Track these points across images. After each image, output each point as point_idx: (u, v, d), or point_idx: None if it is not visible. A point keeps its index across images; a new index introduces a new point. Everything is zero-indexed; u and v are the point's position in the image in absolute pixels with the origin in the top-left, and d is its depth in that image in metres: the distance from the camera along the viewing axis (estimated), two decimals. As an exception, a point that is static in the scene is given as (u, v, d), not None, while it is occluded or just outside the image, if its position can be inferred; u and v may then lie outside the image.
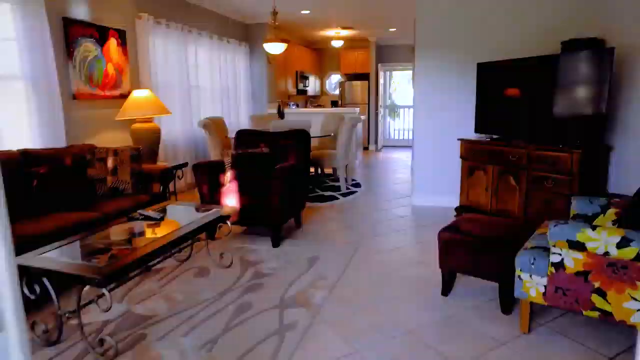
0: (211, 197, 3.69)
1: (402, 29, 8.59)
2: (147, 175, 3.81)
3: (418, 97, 4.80)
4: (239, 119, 7.22)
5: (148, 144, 4.38)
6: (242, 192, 3.63)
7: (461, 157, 4.31)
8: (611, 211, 2.46)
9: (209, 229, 2.98)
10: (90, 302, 2.17)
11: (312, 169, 6.37)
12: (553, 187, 3.48)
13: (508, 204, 3.87)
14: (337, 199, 5.25)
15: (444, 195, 4.81)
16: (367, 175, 6.95)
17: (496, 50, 4.35)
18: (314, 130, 5.92)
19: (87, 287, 1.86)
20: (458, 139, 4.35)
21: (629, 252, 1.82)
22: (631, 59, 3.35)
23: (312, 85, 10.01)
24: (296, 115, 7.51)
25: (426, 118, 4.78)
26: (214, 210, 3.08)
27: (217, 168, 3.83)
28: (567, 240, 1.96)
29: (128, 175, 3.68)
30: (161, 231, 2.60)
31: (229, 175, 3.80)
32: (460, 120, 4.63)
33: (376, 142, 10.21)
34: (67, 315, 1.97)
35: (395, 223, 4.27)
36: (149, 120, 4.46)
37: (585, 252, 1.94)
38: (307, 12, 6.96)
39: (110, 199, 3.45)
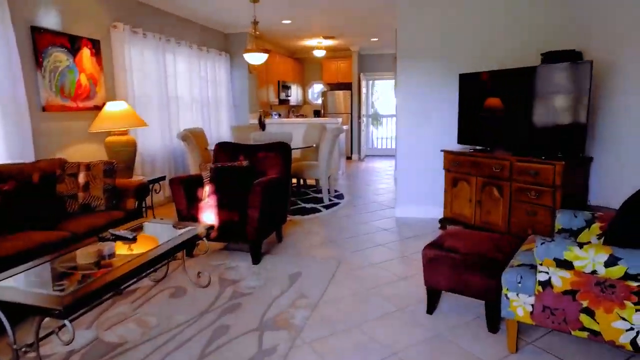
0: (189, 212, 3.56)
1: (384, 39, 8.61)
2: (121, 190, 3.65)
3: (401, 107, 4.77)
4: (219, 130, 7.09)
5: (123, 157, 4.23)
6: (221, 207, 3.50)
7: (444, 168, 4.27)
8: (596, 225, 2.43)
9: (186, 247, 2.85)
10: (51, 333, 2.01)
11: (294, 180, 6.27)
12: (536, 198, 3.46)
13: (492, 215, 3.84)
14: (320, 211, 5.16)
15: (427, 206, 4.77)
16: (350, 186, 6.88)
17: (478, 61, 4.35)
18: (296, 141, 5.84)
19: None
20: (441, 150, 4.32)
21: (617, 271, 1.77)
22: (607, 72, 3.38)
23: (295, 94, 9.94)
24: (277, 126, 7.41)
25: (409, 129, 4.74)
26: (191, 228, 2.95)
27: (194, 182, 3.70)
28: (555, 259, 1.90)
29: (101, 191, 3.51)
30: (133, 252, 2.46)
31: (207, 189, 3.67)
32: (443, 130, 4.61)
33: (359, 151, 10.18)
34: (24, 349, 1.81)
35: (378, 236, 4.20)
36: (124, 132, 4.31)
37: (573, 270, 1.88)
38: (289, 22, 6.91)
39: (81, 217, 3.28)
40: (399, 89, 4.75)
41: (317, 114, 10.32)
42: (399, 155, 4.85)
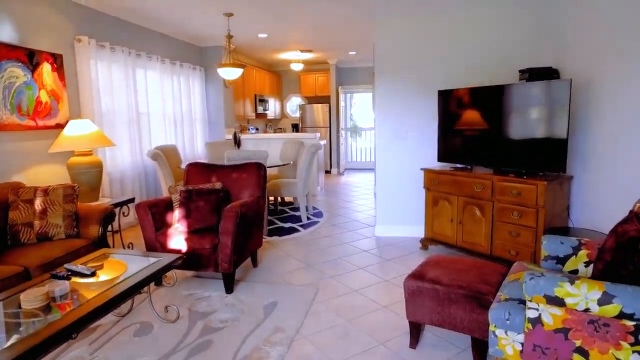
0: (157, 239, 3.33)
1: (362, 52, 8.57)
2: (84, 216, 3.39)
3: (379, 124, 4.66)
4: (194, 147, 6.85)
5: (88, 179, 3.96)
6: (191, 233, 3.29)
7: (425, 187, 4.17)
8: (583, 252, 2.34)
9: (153, 280, 2.63)
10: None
11: (271, 198, 6.08)
12: (519, 219, 3.38)
13: (474, 236, 3.74)
14: (298, 230, 4.98)
15: (408, 225, 4.65)
16: (329, 202, 6.73)
17: (456, 77, 4.31)
18: (273, 158, 5.67)
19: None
20: (421, 169, 4.21)
21: (611, 310, 1.65)
22: (583, 90, 3.34)
23: (272, 108, 9.78)
24: (254, 142, 7.22)
25: (388, 146, 4.63)
26: (158, 259, 2.74)
27: (163, 207, 3.48)
28: (545, 295, 1.78)
29: (60, 217, 3.26)
30: (91, 291, 2.23)
31: (177, 214, 3.46)
32: (423, 147, 4.52)
33: (338, 165, 10.06)
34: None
35: (358, 258, 4.04)
36: (89, 152, 4.05)
37: (565, 307, 1.76)
38: (265, 35, 6.77)
39: (36, 248, 3.01)
40: (377, 105, 4.65)
41: (295, 127, 10.18)
42: (379, 172, 4.73)
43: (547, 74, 3.63)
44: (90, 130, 4.00)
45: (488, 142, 3.77)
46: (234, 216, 3.11)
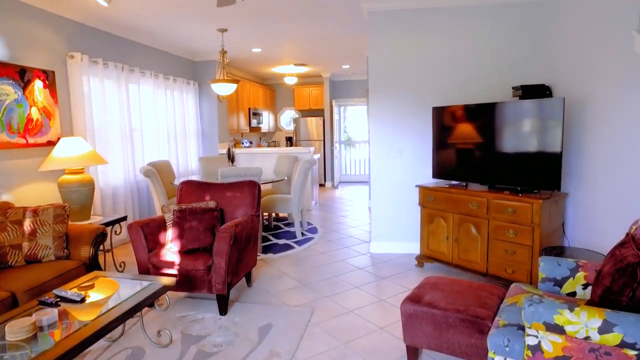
0: (149, 260, 3.26)
1: (355, 65, 8.63)
2: (75, 237, 3.33)
3: (374, 139, 4.65)
4: (188, 162, 6.80)
5: (79, 197, 3.90)
6: (185, 254, 3.24)
7: (420, 204, 4.15)
8: (580, 275, 2.32)
9: (145, 305, 2.58)
10: None
11: (265, 214, 6.04)
12: (515, 237, 3.37)
13: (470, 253, 3.72)
14: (293, 247, 4.93)
15: (404, 242, 4.62)
16: (323, 217, 6.69)
17: (450, 93, 4.33)
18: (267, 173, 5.64)
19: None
20: (416, 186, 4.21)
21: (612, 339, 1.63)
22: (575, 107, 3.36)
23: (266, 121, 9.77)
24: (248, 157, 7.19)
25: (383, 163, 4.62)
26: (151, 282, 2.68)
27: (155, 227, 3.42)
28: (544, 323, 1.76)
29: (50, 238, 3.19)
30: (81, 319, 2.17)
31: (170, 234, 3.40)
32: (418, 164, 4.52)
33: (332, 178, 10.05)
34: None
35: (354, 276, 4.00)
36: (80, 170, 3.99)
37: (565, 335, 1.74)
38: (259, 50, 6.79)
39: (25, 271, 2.94)
40: (372, 122, 4.65)
41: (289, 140, 10.16)
42: (374, 189, 4.71)
43: (539, 91, 3.66)
44: (82, 148, 3.95)
45: (482, 160, 3.78)
46: (229, 237, 3.07)
